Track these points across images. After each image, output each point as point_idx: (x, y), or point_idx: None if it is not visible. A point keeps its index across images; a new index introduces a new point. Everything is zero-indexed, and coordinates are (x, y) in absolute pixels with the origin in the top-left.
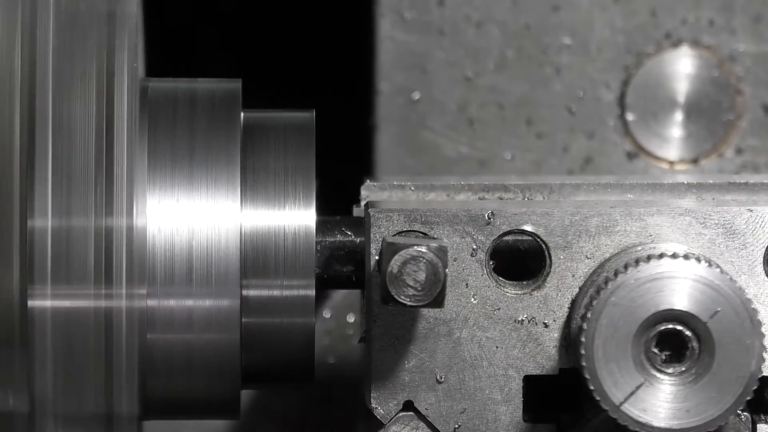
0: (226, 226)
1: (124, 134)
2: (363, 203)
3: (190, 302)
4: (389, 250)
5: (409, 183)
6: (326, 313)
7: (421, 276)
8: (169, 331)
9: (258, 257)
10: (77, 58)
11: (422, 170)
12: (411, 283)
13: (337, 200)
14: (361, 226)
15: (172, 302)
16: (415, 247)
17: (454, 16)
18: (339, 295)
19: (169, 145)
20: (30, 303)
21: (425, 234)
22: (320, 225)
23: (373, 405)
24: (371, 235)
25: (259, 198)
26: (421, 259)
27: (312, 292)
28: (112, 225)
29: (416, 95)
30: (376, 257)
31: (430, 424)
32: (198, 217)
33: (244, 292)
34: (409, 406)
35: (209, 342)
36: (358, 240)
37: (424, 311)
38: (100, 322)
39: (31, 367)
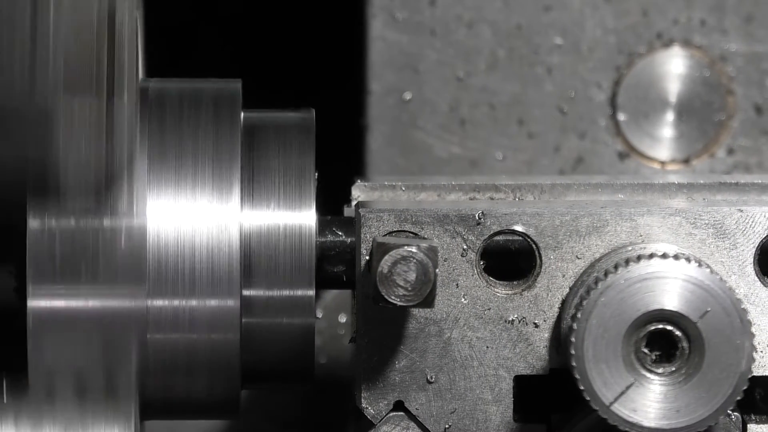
0: (226, 226)
1: (124, 134)
2: (354, 203)
3: (190, 302)
4: (379, 250)
5: (400, 183)
6: (318, 313)
7: (412, 276)
8: (168, 331)
9: (258, 257)
10: (77, 58)
11: (413, 170)
12: (401, 283)
13: (328, 200)
14: (353, 226)
15: (171, 302)
16: (406, 247)
17: (445, 16)
18: (330, 295)
19: (169, 145)
20: (30, 303)
21: (416, 234)
22: None
23: (364, 405)
24: (362, 235)
25: (260, 198)
26: (412, 259)
27: (312, 292)
28: (111, 225)
29: (408, 95)
30: (367, 257)
31: (420, 424)
32: (198, 217)
33: (244, 292)
34: (399, 406)
35: (209, 342)
36: (349, 240)
37: (415, 311)
38: (100, 322)
39: (31, 367)
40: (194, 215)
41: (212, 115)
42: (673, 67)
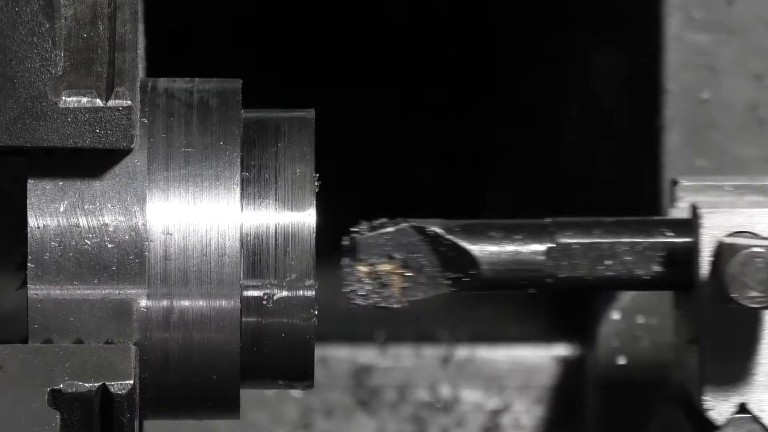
0: (226, 226)
1: None
2: (676, 203)
3: (189, 302)
4: (728, 251)
5: (725, 183)
6: (615, 315)
7: (762, 276)
8: (168, 330)
9: (258, 257)
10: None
11: (711, 171)
12: (752, 284)
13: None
14: (680, 226)
15: (171, 302)
16: (754, 248)
17: (744, 15)
18: (628, 297)
19: (169, 145)
20: (29, 302)
21: (755, 234)
22: (625, 226)
23: (707, 407)
24: (702, 237)
25: (260, 198)
26: (763, 259)
27: (312, 293)
28: (111, 225)
29: (705, 95)
30: (710, 258)
31: (766, 429)
32: (198, 217)
33: (245, 293)
34: (743, 408)
35: (209, 342)
36: (680, 240)
37: (758, 312)
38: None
39: None
40: (194, 215)
41: (212, 115)
42: None
